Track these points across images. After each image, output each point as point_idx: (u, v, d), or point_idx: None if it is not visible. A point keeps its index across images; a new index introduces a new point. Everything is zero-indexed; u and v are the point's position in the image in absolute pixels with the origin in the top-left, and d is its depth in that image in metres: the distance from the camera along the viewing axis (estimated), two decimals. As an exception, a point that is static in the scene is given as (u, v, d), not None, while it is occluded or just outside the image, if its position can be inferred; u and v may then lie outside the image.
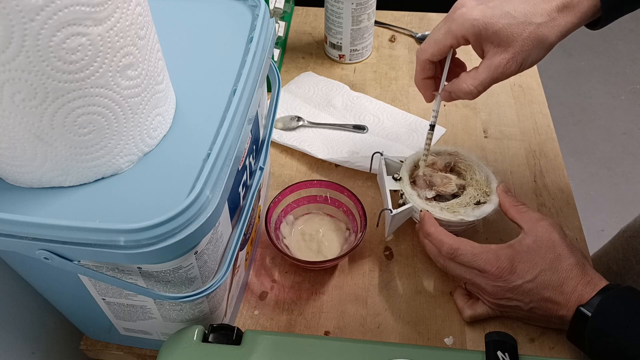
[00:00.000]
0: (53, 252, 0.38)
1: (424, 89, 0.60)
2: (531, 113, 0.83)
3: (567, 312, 0.52)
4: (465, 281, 0.57)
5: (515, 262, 0.53)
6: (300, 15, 1.00)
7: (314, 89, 0.84)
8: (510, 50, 0.52)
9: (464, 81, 0.55)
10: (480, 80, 0.54)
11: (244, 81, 0.45)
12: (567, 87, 2.15)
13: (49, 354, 0.61)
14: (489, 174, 0.63)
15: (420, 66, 0.58)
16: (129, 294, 0.46)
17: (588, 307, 0.50)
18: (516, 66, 0.53)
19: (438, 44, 0.55)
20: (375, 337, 0.58)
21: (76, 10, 0.33)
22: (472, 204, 0.60)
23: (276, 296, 0.62)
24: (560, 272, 0.52)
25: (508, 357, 0.46)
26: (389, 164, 0.66)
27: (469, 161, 0.64)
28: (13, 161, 0.40)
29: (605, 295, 0.50)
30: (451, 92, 0.57)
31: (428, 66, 0.57)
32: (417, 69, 0.58)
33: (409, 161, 0.65)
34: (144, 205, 0.40)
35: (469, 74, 0.55)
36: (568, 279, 0.52)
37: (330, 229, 0.66)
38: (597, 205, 1.76)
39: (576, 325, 0.51)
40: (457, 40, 0.54)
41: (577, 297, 0.51)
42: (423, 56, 0.56)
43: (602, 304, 0.49)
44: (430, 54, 0.56)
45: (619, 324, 0.49)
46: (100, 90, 0.37)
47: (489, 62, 0.53)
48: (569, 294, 0.51)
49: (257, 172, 0.53)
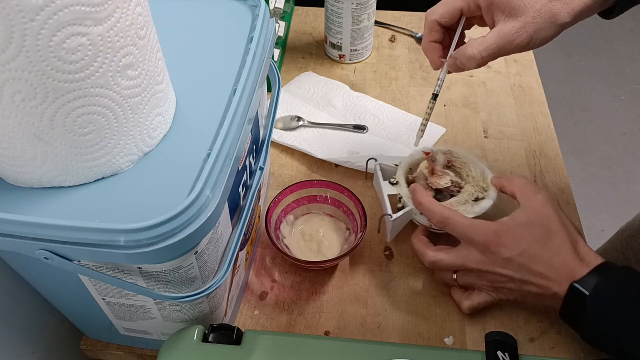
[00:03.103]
0: (53, 252, 0.38)
1: (430, 52, 0.59)
2: (531, 113, 0.83)
3: (559, 289, 0.50)
4: (456, 269, 0.57)
5: (502, 236, 0.53)
6: (300, 15, 1.00)
7: (314, 89, 0.84)
8: (520, 19, 0.51)
9: (470, 45, 0.54)
10: (486, 45, 0.53)
11: (244, 81, 0.45)
12: (567, 87, 2.15)
13: (49, 354, 0.61)
14: (484, 168, 0.63)
15: (429, 27, 0.57)
16: (129, 294, 0.46)
17: (583, 285, 0.49)
18: (527, 37, 0.52)
19: (448, 5, 0.55)
20: (375, 337, 0.58)
21: (76, 10, 0.33)
22: (470, 201, 0.60)
23: (276, 296, 0.62)
24: (550, 247, 0.52)
25: (508, 357, 0.46)
26: (384, 169, 0.66)
27: (464, 158, 0.64)
28: (13, 161, 0.40)
29: (603, 278, 0.49)
30: (457, 58, 0.56)
31: (436, 28, 0.57)
32: (425, 31, 0.58)
33: (404, 164, 0.64)
34: (144, 205, 0.40)
35: (476, 39, 0.54)
36: (558, 254, 0.51)
37: (330, 229, 0.66)
38: (597, 205, 1.76)
39: (570, 303, 0.50)
40: (468, 4, 0.54)
41: (569, 273, 0.50)
42: (432, 17, 0.56)
43: (600, 289, 0.48)
44: (440, 14, 0.55)
45: (617, 310, 0.48)
46: (101, 90, 0.37)
47: (497, 29, 0.53)
48: (560, 269, 0.51)
49: (257, 172, 0.53)
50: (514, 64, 0.90)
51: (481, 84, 0.87)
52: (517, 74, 0.88)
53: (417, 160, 0.65)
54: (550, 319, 0.59)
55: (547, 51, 2.26)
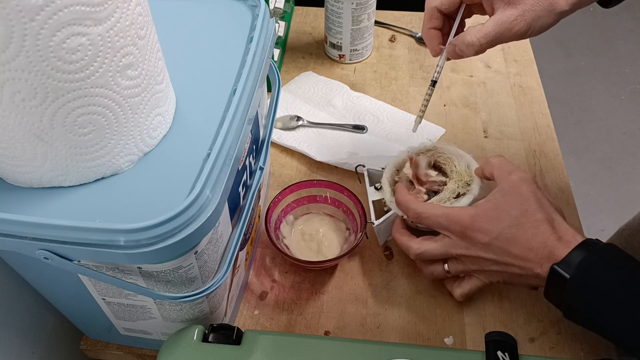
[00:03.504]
0: (53, 252, 0.38)
1: (430, 39, 0.59)
2: (531, 113, 0.83)
3: (541, 270, 0.50)
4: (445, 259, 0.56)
5: (477, 219, 0.52)
6: (300, 15, 1.00)
7: (314, 89, 0.84)
8: (519, 7, 0.52)
9: (469, 32, 0.55)
10: (484, 32, 0.54)
11: (244, 81, 0.45)
12: (567, 87, 2.15)
13: (49, 354, 0.61)
14: (470, 160, 0.62)
15: (429, 14, 0.57)
16: (129, 294, 0.46)
17: (563, 266, 0.48)
18: (525, 25, 0.52)
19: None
20: (375, 337, 0.58)
21: (76, 10, 0.33)
22: (451, 198, 0.60)
23: (276, 296, 0.62)
24: (526, 228, 0.51)
25: (508, 357, 0.46)
26: (372, 174, 0.66)
27: (448, 153, 0.63)
28: (13, 161, 0.40)
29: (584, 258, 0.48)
30: (456, 45, 0.57)
31: (436, 15, 0.57)
32: (425, 18, 0.58)
33: (390, 166, 0.64)
34: (144, 205, 0.40)
35: (475, 26, 0.55)
36: (535, 234, 0.50)
37: (330, 228, 0.66)
38: (597, 205, 1.76)
39: (552, 284, 0.50)
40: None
41: (548, 254, 0.49)
42: (432, 3, 0.57)
43: (581, 268, 0.48)
44: (440, 1, 0.56)
45: (598, 291, 0.48)
46: (100, 90, 0.37)
47: (496, 17, 0.53)
48: (539, 250, 0.50)
49: (257, 172, 0.53)
50: (514, 64, 0.90)
51: (481, 84, 0.87)
52: (517, 74, 0.88)
53: (403, 162, 0.64)
54: (550, 319, 0.59)
55: (547, 51, 2.26)
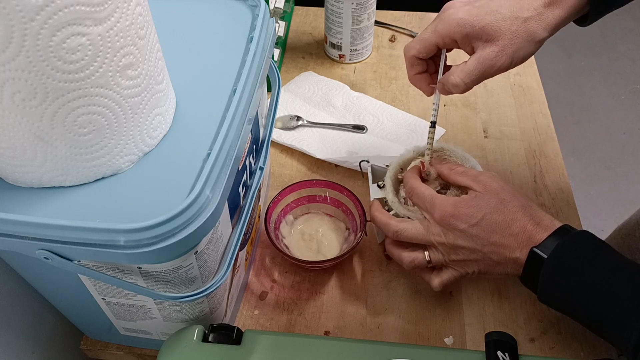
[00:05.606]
0: (53, 252, 0.38)
1: (418, 83, 0.61)
2: (531, 113, 0.83)
3: (520, 254, 0.51)
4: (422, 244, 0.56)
5: (458, 207, 0.53)
6: (300, 15, 1.00)
7: (314, 89, 0.84)
8: (499, 43, 0.52)
9: (452, 73, 0.55)
10: (467, 72, 0.54)
11: (244, 81, 0.45)
12: (567, 87, 2.15)
13: (49, 354, 0.61)
14: (475, 165, 0.62)
15: (409, 63, 0.59)
16: (129, 294, 0.46)
17: (542, 249, 0.49)
18: (507, 59, 0.53)
19: (424, 42, 0.56)
20: (375, 337, 0.58)
21: (76, 10, 0.33)
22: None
23: (276, 296, 0.62)
24: (505, 213, 0.52)
25: (508, 357, 0.46)
26: (376, 170, 0.66)
27: (454, 156, 0.63)
28: (13, 161, 0.40)
29: (562, 240, 0.49)
30: (444, 84, 0.57)
31: (416, 62, 0.58)
32: (407, 66, 0.60)
33: (394, 164, 0.64)
34: (144, 205, 0.40)
35: (458, 66, 0.55)
36: (515, 220, 0.52)
37: (329, 228, 0.66)
38: (597, 205, 1.76)
39: (530, 267, 0.51)
40: (443, 40, 0.55)
41: (527, 238, 0.51)
42: (409, 53, 0.58)
43: (558, 250, 0.49)
44: (417, 50, 0.57)
45: (572, 271, 0.48)
46: (100, 90, 0.37)
47: (477, 55, 0.54)
48: (518, 235, 0.51)
49: (257, 172, 0.53)
50: (514, 64, 0.90)
51: (481, 84, 0.87)
52: (517, 74, 0.88)
53: (408, 160, 0.64)
54: (550, 319, 0.59)
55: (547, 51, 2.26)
